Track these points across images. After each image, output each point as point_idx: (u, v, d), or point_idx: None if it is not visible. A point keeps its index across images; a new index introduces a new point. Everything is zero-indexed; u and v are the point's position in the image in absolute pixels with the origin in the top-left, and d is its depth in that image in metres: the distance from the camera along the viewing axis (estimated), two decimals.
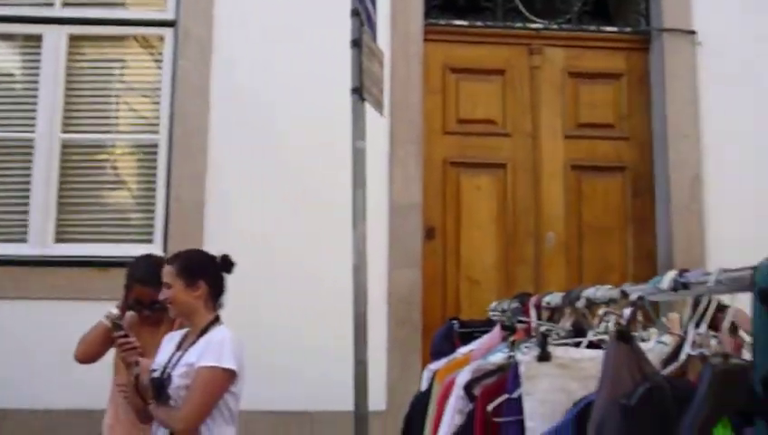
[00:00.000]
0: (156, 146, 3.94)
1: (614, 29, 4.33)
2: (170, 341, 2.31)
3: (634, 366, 0.84)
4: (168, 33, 4.01)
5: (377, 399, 3.46)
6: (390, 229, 3.83)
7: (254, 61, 3.91)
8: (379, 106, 2.94)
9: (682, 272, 0.93)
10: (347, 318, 2.68)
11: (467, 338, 1.95)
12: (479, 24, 4.22)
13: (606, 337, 1.13)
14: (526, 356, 1.18)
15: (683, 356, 0.89)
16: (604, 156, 4.19)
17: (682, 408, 0.76)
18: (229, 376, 2.17)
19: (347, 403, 2.65)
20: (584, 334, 1.27)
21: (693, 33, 4.16)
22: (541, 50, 4.25)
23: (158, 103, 4.00)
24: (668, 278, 0.93)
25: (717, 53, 4.11)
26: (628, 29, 4.33)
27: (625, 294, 1.03)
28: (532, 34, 4.24)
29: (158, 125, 3.96)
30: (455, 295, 3.98)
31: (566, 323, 1.37)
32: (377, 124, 3.27)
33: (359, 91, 2.70)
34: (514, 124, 4.18)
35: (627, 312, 0.99)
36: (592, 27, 4.30)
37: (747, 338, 0.90)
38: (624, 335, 0.88)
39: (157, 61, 4.11)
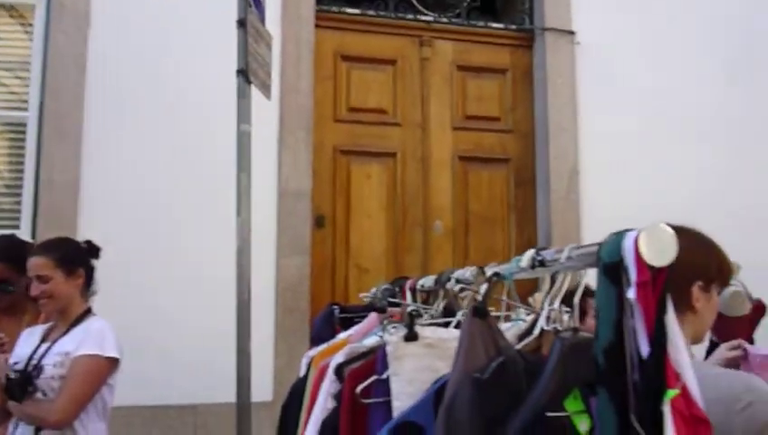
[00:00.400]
0: (24, 124, 3.66)
1: (500, 26, 4.48)
2: (31, 335, 2.16)
3: (489, 341, 0.86)
4: (39, 2, 3.73)
5: (263, 389, 3.41)
6: (279, 216, 3.78)
7: (134, 34, 3.70)
8: (265, 89, 2.88)
9: (539, 250, 0.97)
10: (232, 307, 2.61)
11: (348, 323, 1.95)
12: (371, 13, 4.23)
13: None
14: (393, 337, 1.19)
15: (536, 331, 0.92)
16: (490, 148, 4.33)
17: (534, 381, 0.79)
18: (111, 365, 2.09)
19: (232, 394, 2.59)
20: (455, 315, 1.30)
21: (572, 33, 4.38)
22: (431, 42, 4.32)
23: (27, 78, 3.71)
24: (527, 257, 0.97)
25: (595, 52, 4.35)
26: (513, 27, 4.49)
27: (483, 272, 1.06)
28: (422, 27, 4.30)
29: (26, 102, 3.68)
30: (344, 283, 3.99)
31: (439, 305, 1.39)
32: (267, 109, 3.21)
33: (244, 73, 2.63)
34: (405, 114, 4.23)
35: (483, 288, 1.02)
36: (480, 23, 4.43)
37: None
38: (479, 311, 0.91)
39: (27, 33, 3.82)
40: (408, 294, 1.47)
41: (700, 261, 1.40)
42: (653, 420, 0.63)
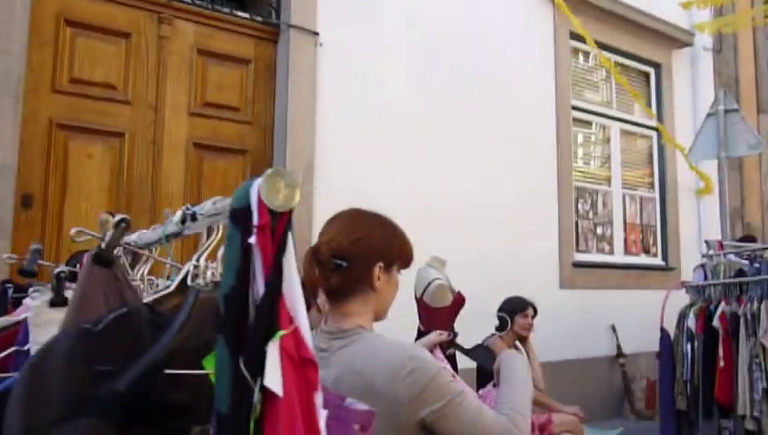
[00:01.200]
0: None
1: (246, 16, 4.43)
2: None
3: (113, 292, 0.80)
4: None
5: None
6: None
7: None
8: None
9: (192, 205, 0.94)
10: None
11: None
12: None
13: (139, 281, 1.09)
14: (36, 301, 1.07)
15: (173, 286, 0.89)
16: (227, 137, 4.25)
17: (161, 333, 0.75)
18: None
19: None
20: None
21: (316, 33, 4.49)
22: (171, 21, 4.11)
23: None
24: (180, 213, 0.93)
25: (336, 52, 4.52)
26: (260, 19, 4.47)
27: (111, 219, 0.99)
28: (163, 3, 4.07)
29: None
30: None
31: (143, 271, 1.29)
32: None
33: None
34: (136, 93, 3.96)
35: (108, 235, 0.96)
36: (226, 9, 4.33)
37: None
38: (101, 259, 0.85)
39: None
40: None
41: (382, 244, 1.49)
42: (264, 362, 0.63)
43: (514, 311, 3.91)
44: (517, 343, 3.98)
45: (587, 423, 4.31)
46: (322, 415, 0.65)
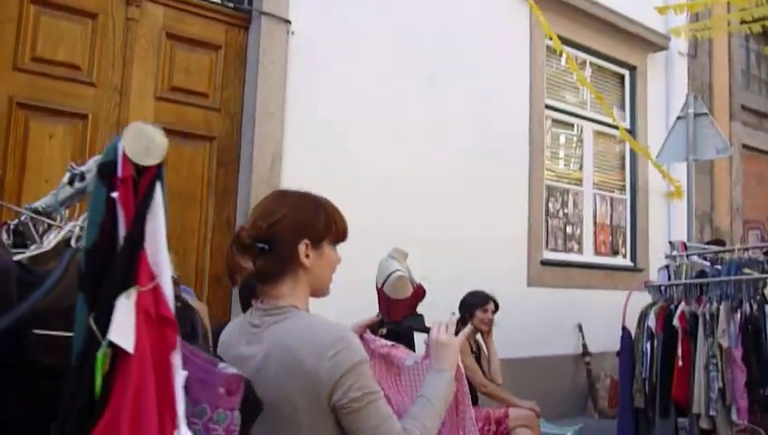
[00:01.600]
0: None
1: (218, 1, 4.38)
2: None
3: None
4: None
5: None
6: None
7: None
8: None
9: (74, 165, 0.92)
10: None
11: None
12: None
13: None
14: None
15: (50, 245, 0.87)
16: (194, 123, 4.21)
17: (33, 291, 0.73)
18: None
19: None
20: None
21: (288, 22, 4.47)
22: (140, 3, 4.06)
23: None
24: (68, 174, 0.91)
25: (307, 42, 4.50)
26: (231, 5, 4.43)
27: None
28: None
29: None
30: None
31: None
32: None
33: None
34: (101, 75, 3.90)
35: None
36: None
37: None
38: None
39: None
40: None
41: (304, 221, 1.47)
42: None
43: (475, 305, 3.92)
44: (478, 337, 3.99)
45: (546, 419, 4.34)
46: (180, 375, 0.64)
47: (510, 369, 5.25)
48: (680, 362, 4.10)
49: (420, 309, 3.82)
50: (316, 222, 1.48)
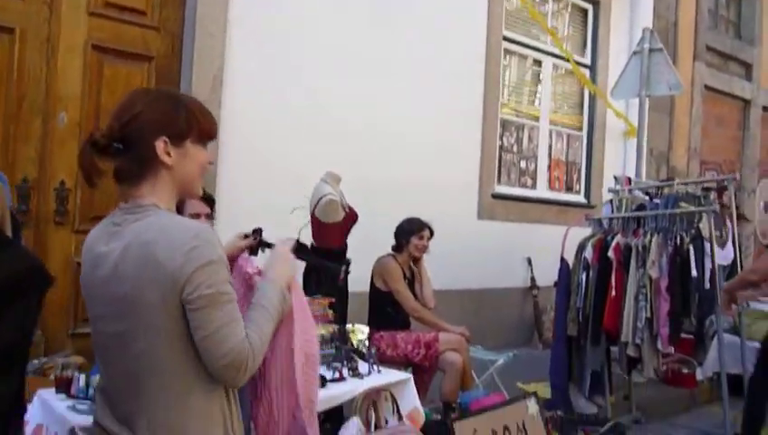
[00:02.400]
0: None
1: None
2: None
3: None
4: None
5: None
6: None
7: None
8: None
9: None
10: None
11: None
12: None
13: None
14: None
15: None
16: (131, 41, 4.08)
17: None
18: None
19: None
20: None
21: None
22: None
23: None
24: None
25: None
26: None
27: None
28: None
29: None
30: None
31: None
32: None
33: None
34: None
35: None
36: None
37: None
38: None
39: None
40: None
41: (161, 117, 1.43)
42: None
43: (411, 232, 3.95)
44: (411, 264, 4.03)
45: (481, 345, 4.45)
46: None
47: (458, 300, 5.36)
48: (613, 293, 4.19)
49: (365, 242, 3.85)
50: (175, 119, 1.44)
